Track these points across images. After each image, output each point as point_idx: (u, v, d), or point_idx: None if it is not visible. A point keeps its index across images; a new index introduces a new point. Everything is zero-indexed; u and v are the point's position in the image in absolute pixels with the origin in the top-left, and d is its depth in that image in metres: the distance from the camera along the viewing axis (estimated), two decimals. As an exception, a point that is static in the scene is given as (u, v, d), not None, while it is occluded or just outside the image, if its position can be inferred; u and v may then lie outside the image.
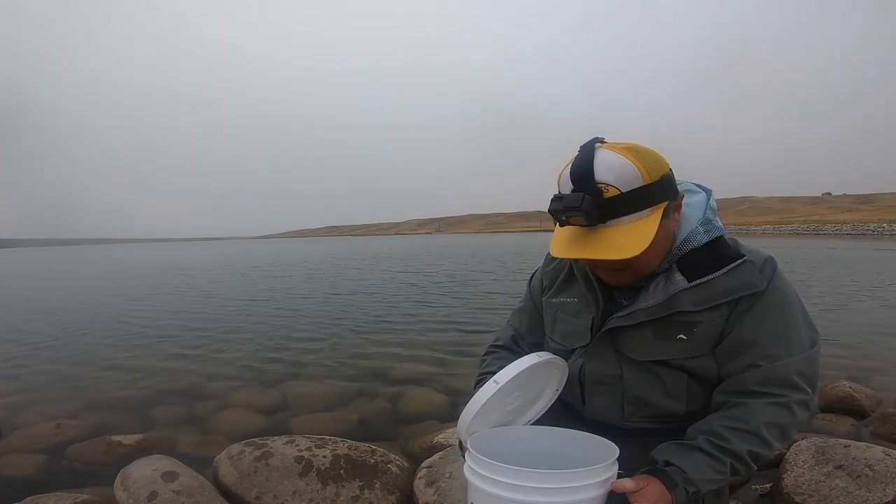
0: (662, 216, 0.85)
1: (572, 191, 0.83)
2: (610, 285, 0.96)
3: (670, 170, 0.88)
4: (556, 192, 0.87)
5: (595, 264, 0.93)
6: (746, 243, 0.95)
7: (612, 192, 0.81)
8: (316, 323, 6.57)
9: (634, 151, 0.83)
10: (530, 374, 0.91)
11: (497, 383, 0.86)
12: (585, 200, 0.80)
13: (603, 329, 0.96)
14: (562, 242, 0.88)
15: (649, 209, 0.83)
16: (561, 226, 0.87)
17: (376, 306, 7.95)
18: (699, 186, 1.00)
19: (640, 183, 0.82)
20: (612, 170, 0.81)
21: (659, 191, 0.83)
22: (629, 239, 0.82)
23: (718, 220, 0.95)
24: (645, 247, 0.81)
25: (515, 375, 0.87)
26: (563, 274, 1.09)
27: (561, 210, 0.83)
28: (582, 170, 0.82)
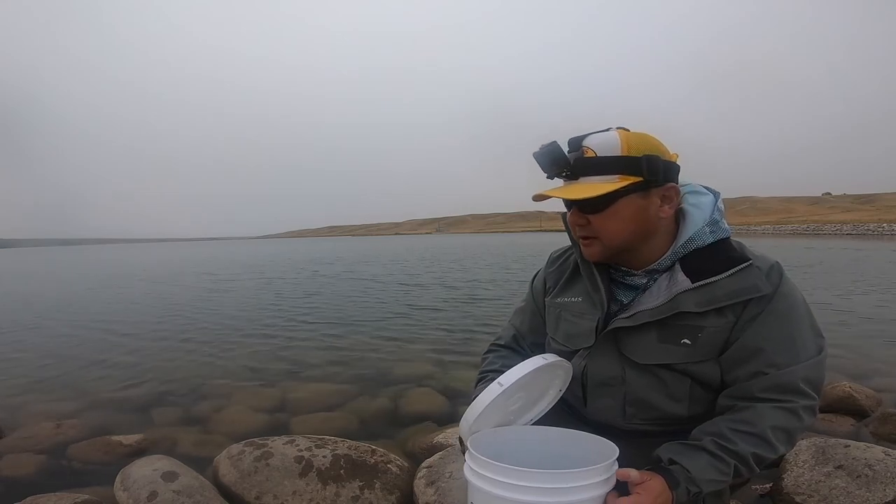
0: (638, 193, 0.91)
1: (567, 152, 0.94)
2: (589, 260, 1.01)
3: (664, 157, 0.91)
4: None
5: (571, 224, 1.00)
6: (748, 244, 0.95)
7: (589, 154, 0.91)
8: (316, 323, 6.57)
9: (629, 132, 0.92)
10: (534, 375, 0.90)
11: (501, 385, 0.85)
12: (570, 155, 0.92)
13: (606, 330, 0.96)
14: (542, 189, 0.97)
15: (618, 176, 0.90)
16: (549, 178, 0.97)
17: (377, 306, 7.94)
18: (707, 189, 0.99)
19: (616, 153, 0.90)
20: (599, 140, 0.92)
21: (634, 164, 0.89)
22: (587, 190, 0.91)
23: (725, 222, 0.95)
24: (589, 196, 0.89)
25: (520, 378, 0.87)
26: (567, 274, 1.09)
27: (547, 157, 0.93)
28: (577, 137, 0.93)
